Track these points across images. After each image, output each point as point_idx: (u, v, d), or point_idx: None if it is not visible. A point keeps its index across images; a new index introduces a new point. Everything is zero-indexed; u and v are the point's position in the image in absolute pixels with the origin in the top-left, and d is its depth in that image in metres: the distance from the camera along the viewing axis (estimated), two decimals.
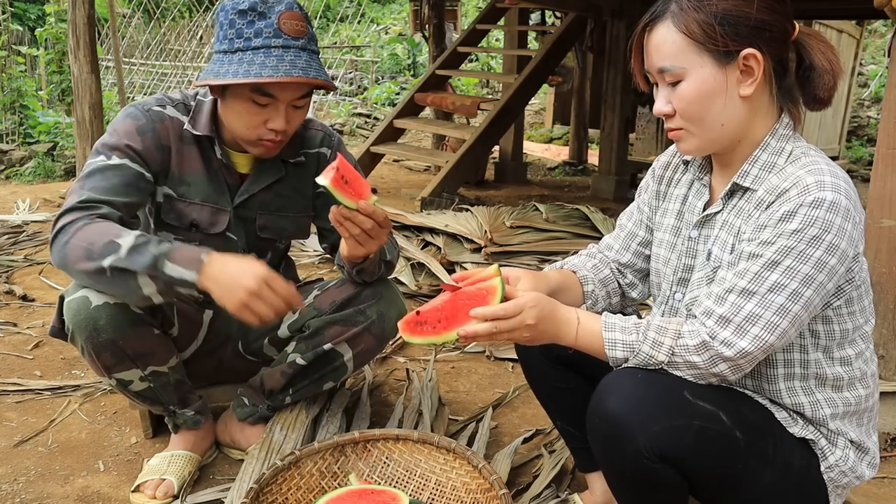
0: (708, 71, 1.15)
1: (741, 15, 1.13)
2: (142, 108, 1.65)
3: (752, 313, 1.12)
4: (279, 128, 1.58)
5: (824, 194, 1.10)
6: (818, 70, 1.18)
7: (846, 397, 1.25)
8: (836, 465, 1.24)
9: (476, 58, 12.87)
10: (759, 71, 1.15)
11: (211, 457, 1.85)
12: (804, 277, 1.11)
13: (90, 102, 4.34)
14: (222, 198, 1.72)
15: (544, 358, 1.48)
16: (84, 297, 1.51)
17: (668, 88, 1.19)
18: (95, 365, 1.59)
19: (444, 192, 5.01)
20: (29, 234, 4.03)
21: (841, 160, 9.33)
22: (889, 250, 1.98)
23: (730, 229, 1.24)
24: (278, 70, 1.50)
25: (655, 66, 1.19)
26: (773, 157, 1.20)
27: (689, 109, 1.18)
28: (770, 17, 1.15)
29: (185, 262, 1.42)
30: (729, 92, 1.16)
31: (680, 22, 1.15)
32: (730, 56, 1.14)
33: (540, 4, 6.00)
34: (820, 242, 1.10)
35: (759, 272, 1.13)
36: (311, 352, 1.76)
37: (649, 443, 1.12)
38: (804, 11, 7.30)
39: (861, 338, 1.26)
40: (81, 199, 1.51)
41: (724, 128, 1.19)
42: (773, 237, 1.13)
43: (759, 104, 1.20)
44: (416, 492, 1.58)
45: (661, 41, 1.17)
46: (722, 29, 1.12)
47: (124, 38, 13.48)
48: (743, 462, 1.16)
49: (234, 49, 1.53)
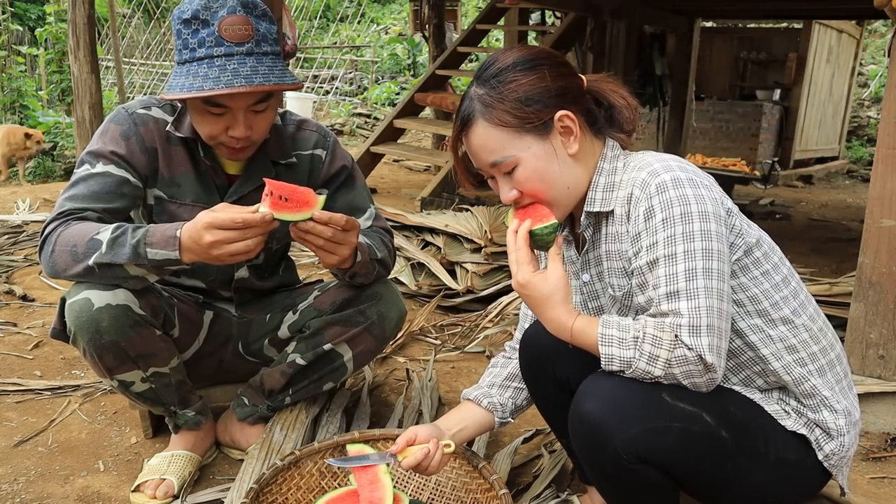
0: (535, 149, 1.23)
1: (540, 90, 1.22)
2: (126, 111, 1.66)
3: (690, 308, 1.12)
4: (239, 135, 1.56)
5: (661, 177, 1.16)
6: (617, 107, 1.30)
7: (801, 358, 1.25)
8: (834, 454, 1.25)
9: (476, 58, 12.84)
10: (576, 127, 1.24)
11: (211, 457, 1.85)
12: (703, 252, 1.13)
13: (90, 102, 4.34)
14: (213, 198, 1.71)
15: (560, 392, 1.44)
16: (86, 298, 1.51)
17: (506, 177, 1.27)
18: (97, 366, 1.59)
19: (444, 192, 5.01)
20: (29, 234, 4.03)
21: (841, 160, 9.34)
22: (889, 250, 1.99)
23: (615, 256, 1.28)
24: (220, 81, 1.46)
25: (486, 162, 1.27)
26: (609, 176, 1.27)
27: (534, 188, 1.26)
28: (563, 81, 1.24)
29: (162, 244, 1.44)
30: (560, 157, 1.25)
31: (493, 117, 1.23)
32: (546, 126, 1.23)
33: (540, 4, 6.00)
34: (690, 216, 1.14)
35: (668, 272, 1.14)
36: (310, 352, 1.76)
37: (626, 445, 1.12)
38: (804, 11, 7.31)
39: (791, 295, 1.26)
40: (63, 210, 1.54)
41: (570, 190, 1.27)
42: (653, 238, 1.16)
43: (586, 152, 1.28)
44: (417, 492, 1.58)
45: (483, 140, 1.25)
46: (530, 108, 1.21)
47: (124, 38, 13.48)
48: (732, 461, 1.17)
49: (183, 60, 1.51)
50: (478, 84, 1.25)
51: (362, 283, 1.76)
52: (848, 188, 8.27)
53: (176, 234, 1.44)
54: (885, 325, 2.02)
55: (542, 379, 1.45)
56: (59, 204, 1.56)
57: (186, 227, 1.43)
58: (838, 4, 6.13)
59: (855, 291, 2.08)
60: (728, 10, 7.35)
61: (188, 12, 1.49)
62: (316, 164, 1.80)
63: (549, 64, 1.24)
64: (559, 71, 1.25)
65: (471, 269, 3.15)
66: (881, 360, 2.04)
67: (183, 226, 1.44)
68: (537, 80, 1.22)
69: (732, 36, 9.05)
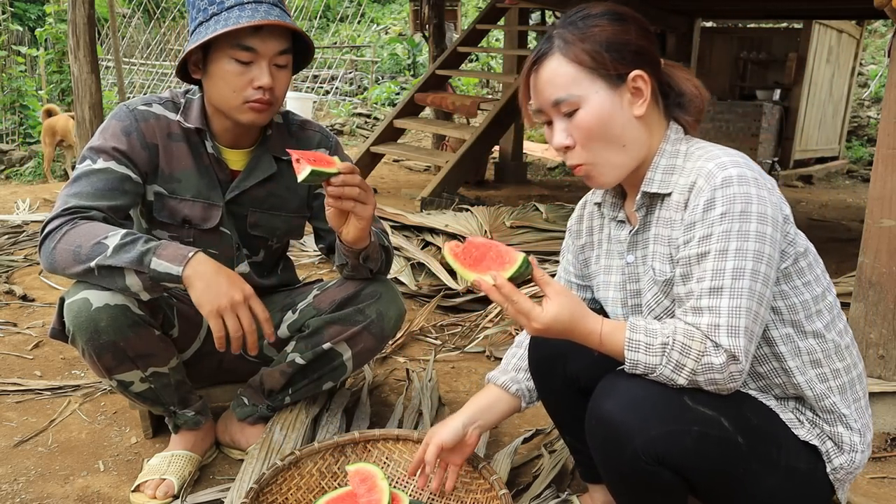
0: (603, 95, 1.20)
1: (623, 41, 1.20)
2: (127, 108, 1.67)
3: (731, 307, 1.11)
4: (265, 84, 1.58)
5: (728, 172, 1.14)
6: (688, 95, 1.27)
7: (823, 373, 1.24)
8: (842, 468, 1.24)
9: (476, 58, 12.87)
10: (647, 91, 1.21)
11: (211, 457, 1.85)
12: (754, 254, 1.12)
13: (90, 102, 4.34)
14: (214, 193, 1.72)
15: (569, 391, 1.44)
16: (85, 298, 1.51)
17: (565, 120, 1.23)
18: (96, 366, 1.59)
19: (444, 192, 5.01)
20: (29, 234, 4.04)
21: (841, 160, 9.34)
22: (889, 250, 1.98)
23: (663, 241, 1.26)
24: (254, 17, 1.53)
25: (549, 99, 1.22)
26: (671, 159, 1.25)
27: (590, 136, 1.21)
28: (646, 42, 1.23)
29: (171, 257, 1.46)
30: (624, 113, 1.21)
31: (569, 53, 1.20)
32: (620, 79, 1.20)
33: (540, 4, 6.00)
34: (749, 215, 1.12)
35: (716, 266, 1.13)
36: (310, 351, 1.76)
37: (646, 446, 1.12)
38: (804, 11, 7.31)
39: (826, 309, 1.26)
40: (67, 206, 1.54)
41: (625, 149, 1.23)
42: (708, 230, 1.14)
43: (651, 122, 1.25)
44: (417, 492, 1.58)
45: (553, 74, 1.21)
46: (609, 55, 1.19)
47: (124, 38, 13.48)
48: (745, 465, 1.16)
49: (210, 16, 1.56)
50: (561, 25, 1.23)
51: (367, 276, 1.77)
52: (848, 188, 8.27)
53: (187, 254, 1.46)
54: (885, 325, 2.02)
55: (552, 376, 1.44)
56: (62, 200, 1.56)
57: (206, 257, 1.48)
58: (838, 4, 6.13)
59: (855, 291, 2.07)
60: (728, 10, 7.35)
61: None
62: None
63: (637, 23, 1.23)
64: (644, 32, 1.23)
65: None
66: (881, 360, 2.05)
67: (198, 252, 1.48)
68: (622, 31, 1.20)
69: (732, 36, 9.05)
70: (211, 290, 1.45)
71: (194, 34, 1.59)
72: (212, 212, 1.72)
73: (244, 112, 1.63)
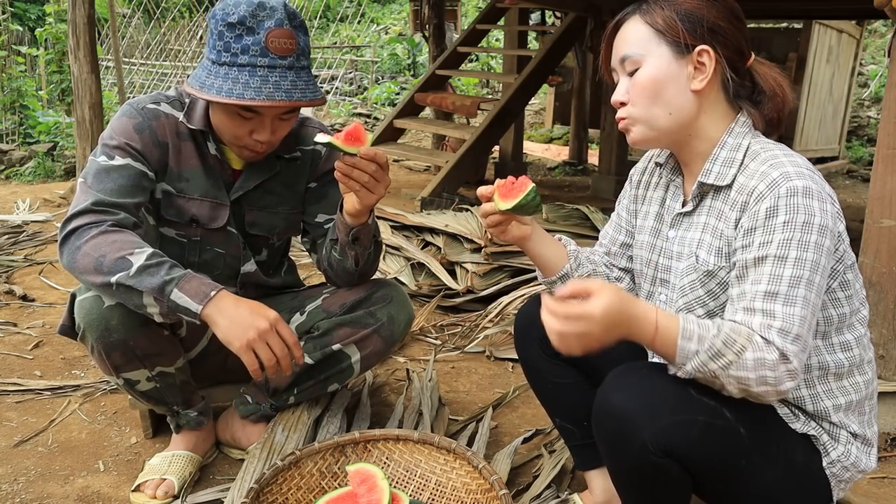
0: (664, 58, 1.23)
1: (700, 15, 1.22)
2: (136, 106, 1.66)
3: (786, 313, 1.11)
4: (264, 139, 1.59)
5: (794, 182, 1.14)
6: (768, 94, 1.27)
7: (844, 387, 1.25)
8: (839, 461, 1.25)
9: (476, 58, 12.87)
10: (710, 68, 1.22)
11: (211, 457, 1.85)
12: (812, 264, 1.12)
13: (90, 102, 4.34)
14: (220, 192, 1.72)
15: (543, 354, 1.49)
16: (96, 296, 1.52)
17: (628, 79, 1.27)
18: (104, 364, 1.59)
19: (444, 192, 5.01)
20: (29, 234, 4.04)
21: (841, 160, 9.33)
22: (889, 250, 1.98)
23: (713, 232, 1.26)
24: (261, 93, 1.47)
25: (619, 54, 1.27)
26: (732, 153, 1.25)
27: (641, 93, 1.24)
28: (726, 24, 1.24)
29: (193, 292, 1.42)
30: (680, 82, 1.23)
31: (646, 14, 1.25)
32: (686, 50, 1.22)
33: (540, 4, 6.00)
34: (811, 227, 1.13)
35: (774, 272, 1.13)
36: (318, 351, 1.76)
37: (655, 437, 1.12)
38: (805, 11, 7.31)
39: (859, 322, 1.27)
40: (94, 200, 1.50)
41: (671, 117, 1.24)
42: (769, 236, 1.14)
43: (710, 102, 1.25)
44: (417, 492, 1.58)
45: (628, 32, 1.27)
46: (682, 24, 1.22)
47: (124, 38, 13.48)
48: (746, 457, 1.17)
49: (222, 62, 1.50)
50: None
51: (351, 270, 1.75)
52: (848, 188, 8.26)
53: (210, 292, 1.43)
54: (885, 325, 2.02)
55: (528, 340, 1.51)
56: (88, 194, 1.51)
57: (229, 293, 1.45)
58: (838, 4, 6.12)
59: None
60: None
61: (234, 16, 1.47)
62: (315, 158, 1.81)
63: (726, 6, 1.25)
64: (731, 16, 1.24)
65: (471, 269, 3.15)
66: (881, 360, 2.04)
67: (222, 288, 1.45)
68: (704, 7, 1.22)
69: None
70: (236, 326, 1.42)
71: (203, 68, 1.53)
72: (219, 211, 1.72)
73: (240, 151, 1.65)
